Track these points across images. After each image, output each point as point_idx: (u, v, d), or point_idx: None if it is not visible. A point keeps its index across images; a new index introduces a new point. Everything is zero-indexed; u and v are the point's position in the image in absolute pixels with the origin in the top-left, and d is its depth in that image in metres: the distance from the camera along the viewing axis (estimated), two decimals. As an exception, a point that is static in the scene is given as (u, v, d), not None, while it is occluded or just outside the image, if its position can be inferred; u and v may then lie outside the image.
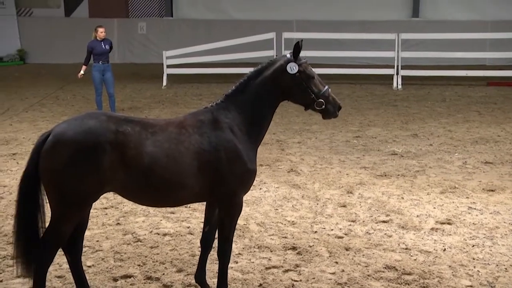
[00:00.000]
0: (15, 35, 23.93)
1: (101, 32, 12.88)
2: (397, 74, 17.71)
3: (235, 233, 6.59)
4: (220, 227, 5.01)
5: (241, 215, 7.09)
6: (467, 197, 7.90)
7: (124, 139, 4.52)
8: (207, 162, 4.72)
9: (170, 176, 4.65)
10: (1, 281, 5.60)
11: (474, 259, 6.04)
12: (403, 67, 17.89)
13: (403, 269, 5.81)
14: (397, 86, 17.53)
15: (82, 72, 13.01)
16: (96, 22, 18.35)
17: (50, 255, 4.72)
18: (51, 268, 5.80)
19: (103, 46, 12.87)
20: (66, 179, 4.45)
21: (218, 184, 4.79)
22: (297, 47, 4.87)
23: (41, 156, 4.51)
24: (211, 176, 4.75)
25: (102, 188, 4.58)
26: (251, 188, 8.06)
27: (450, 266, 5.88)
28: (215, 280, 5.29)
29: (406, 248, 6.31)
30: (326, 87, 4.99)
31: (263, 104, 4.91)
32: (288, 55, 4.95)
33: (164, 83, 18.17)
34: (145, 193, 4.73)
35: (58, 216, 4.58)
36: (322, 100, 4.92)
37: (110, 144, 4.47)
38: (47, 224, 4.73)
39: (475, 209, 7.45)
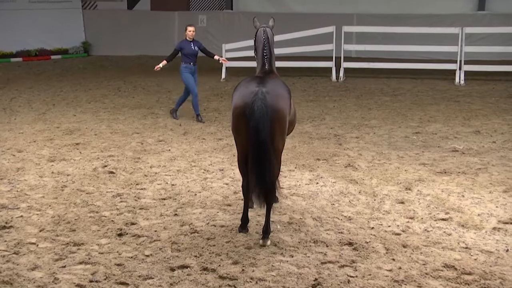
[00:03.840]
0: (80, 28, 24.54)
1: (189, 31, 12.40)
2: (460, 69, 17.26)
3: (291, 227, 6.64)
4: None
5: (297, 209, 7.17)
6: (532, 197, 7.64)
7: None
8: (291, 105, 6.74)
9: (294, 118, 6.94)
10: (64, 266, 5.77)
11: (538, 261, 5.84)
12: (466, 62, 17.43)
13: (463, 268, 5.68)
14: (459, 82, 17.08)
15: (160, 65, 12.35)
16: (158, 15, 18.58)
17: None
18: (111, 256, 5.97)
19: (193, 48, 12.50)
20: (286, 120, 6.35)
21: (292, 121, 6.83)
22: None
23: (275, 111, 6.12)
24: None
25: None
26: (307, 182, 8.13)
27: (512, 268, 5.71)
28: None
29: (466, 247, 6.16)
30: None
31: None
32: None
33: (223, 76, 18.28)
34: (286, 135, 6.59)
35: (281, 149, 6.41)
36: None
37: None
38: None
39: (540, 209, 7.20)
